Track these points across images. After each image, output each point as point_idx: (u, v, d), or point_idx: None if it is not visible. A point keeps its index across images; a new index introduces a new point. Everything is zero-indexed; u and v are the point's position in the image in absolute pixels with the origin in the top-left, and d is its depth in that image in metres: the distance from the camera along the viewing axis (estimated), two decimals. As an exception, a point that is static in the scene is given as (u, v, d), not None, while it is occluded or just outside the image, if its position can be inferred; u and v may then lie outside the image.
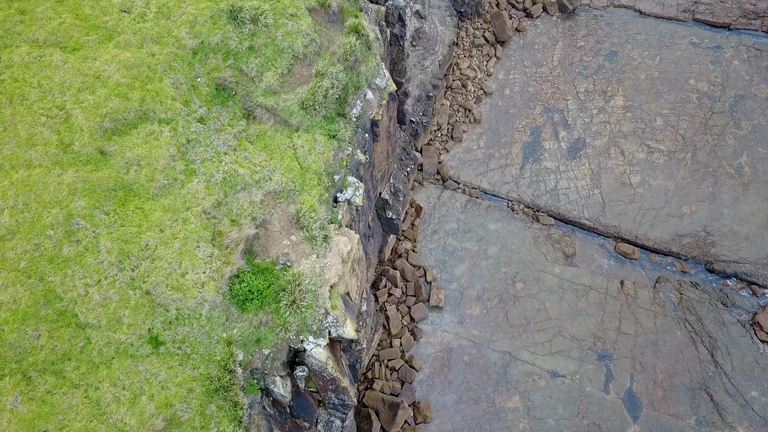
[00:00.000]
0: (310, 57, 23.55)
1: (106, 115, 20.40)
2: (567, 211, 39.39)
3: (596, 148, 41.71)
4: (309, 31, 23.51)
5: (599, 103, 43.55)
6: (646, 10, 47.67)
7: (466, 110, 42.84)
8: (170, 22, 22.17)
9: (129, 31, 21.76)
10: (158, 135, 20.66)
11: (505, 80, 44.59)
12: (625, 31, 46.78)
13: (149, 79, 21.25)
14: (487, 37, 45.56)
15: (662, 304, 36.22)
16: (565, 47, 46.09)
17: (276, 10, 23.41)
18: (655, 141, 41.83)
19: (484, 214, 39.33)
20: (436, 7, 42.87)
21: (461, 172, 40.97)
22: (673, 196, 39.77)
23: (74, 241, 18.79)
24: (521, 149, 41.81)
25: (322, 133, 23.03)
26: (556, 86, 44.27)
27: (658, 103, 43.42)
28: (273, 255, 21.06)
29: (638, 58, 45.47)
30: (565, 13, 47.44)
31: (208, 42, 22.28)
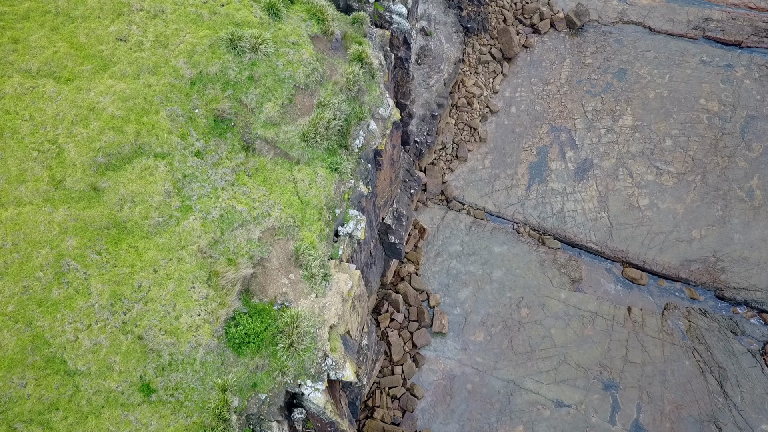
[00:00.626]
0: (312, 86, 22.84)
1: (99, 150, 19.72)
2: (573, 235, 38.59)
3: (604, 169, 40.90)
4: (311, 60, 22.80)
5: (607, 123, 42.74)
6: (655, 26, 46.85)
7: (472, 129, 42.09)
8: (168, 51, 21.49)
9: (125, 60, 21.09)
10: (153, 170, 19.97)
11: (512, 98, 43.82)
12: (635, 48, 45.96)
13: (145, 111, 20.57)
14: (494, 53, 44.80)
15: (670, 332, 35.40)
16: (573, 64, 45.28)
17: (277, 38, 22.72)
18: (664, 162, 41.02)
19: (489, 237, 38.57)
20: (442, 23, 42.14)
21: (466, 192, 40.21)
22: (682, 220, 38.94)
23: (64, 283, 18.11)
24: (527, 170, 41.03)
25: (323, 166, 22.32)
26: (563, 105, 43.48)
27: (667, 123, 42.60)
28: (271, 294, 20.35)
29: (647, 77, 44.65)
30: (573, 30, 46.65)
31: (206, 72, 21.59)
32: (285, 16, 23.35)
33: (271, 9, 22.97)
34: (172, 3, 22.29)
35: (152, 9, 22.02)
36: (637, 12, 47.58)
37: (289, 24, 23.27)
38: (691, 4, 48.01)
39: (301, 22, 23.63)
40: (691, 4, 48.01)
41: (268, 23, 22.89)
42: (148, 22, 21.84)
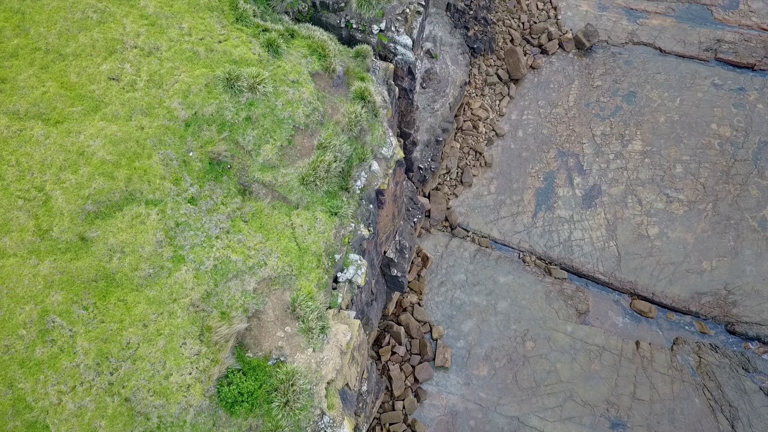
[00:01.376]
0: (312, 127, 21.95)
1: (88, 197, 18.86)
2: (581, 265, 37.61)
3: (612, 197, 39.90)
4: (311, 100, 21.91)
5: (616, 148, 41.75)
6: (666, 48, 45.83)
7: (477, 153, 41.15)
8: (162, 91, 20.62)
9: (117, 101, 20.23)
10: (145, 218, 19.10)
11: (519, 121, 42.87)
12: (645, 70, 44.95)
13: (137, 155, 19.71)
14: (501, 74, 43.85)
15: (680, 368, 34.38)
16: (581, 86, 44.31)
17: (276, 76, 21.83)
18: (675, 190, 40.00)
19: (494, 266, 37.61)
20: (448, 44, 41.22)
21: (471, 219, 39.26)
22: (693, 251, 37.92)
23: (48, 341, 17.26)
24: (534, 196, 40.06)
25: (323, 210, 21.42)
26: (571, 128, 42.50)
27: (678, 149, 41.58)
28: (266, 348, 19.46)
29: (658, 100, 43.63)
30: (581, 50, 45.67)
31: (202, 113, 20.72)
32: (285, 53, 22.46)
33: (271, 45, 22.08)
34: (167, 40, 21.42)
35: (147, 46, 21.16)
36: (648, 32, 46.58)
37: (289, 61, 22.38)
38: (703, 25, 46.98)
39: (301, 58, 22.74)
40: (703, 25, 46.98)
41: (267, 60, 22.01)
42: (142, 60, 20.98)
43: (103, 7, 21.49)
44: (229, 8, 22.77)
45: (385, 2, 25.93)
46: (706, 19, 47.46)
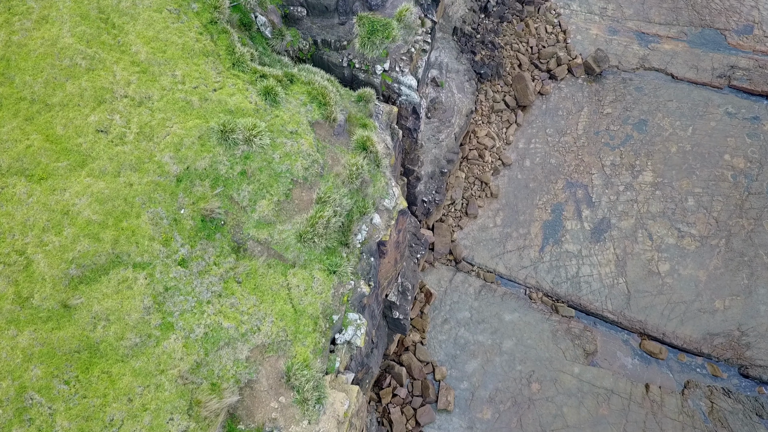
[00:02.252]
0: (311, 179, 20.87)
1: (72, 261, 17.82)
2: (589, 302, 36.43)
3: (622, 231, 38.70)
4: (310, 151, 20.83)
5: (626, 179, 40.55)
6: (678, 74, 44.61)
7: (483, 183, 40.01)
8: (152, 144, 19.57)
9: (105, 155, 19.19)
10: (132, 283, 18.05)
11: (526, 150, 41.72)
12: (656, 97, 43.75)
13: (125, 214, 18.65)
14: (508, 101, 42.71)
15: (691, 413, 33.17)
16: (590, 114, 43.13)
17: (274, 126, 20.76)
18: (686, 224, 38.78)
19: (500, 303, 36.45)
20: (454, 71, 40.11)
21: (476, 252, 38.12)
22: (705, 289, 36.69)
23: (26, 420, 16.21)
24: (541, 229, 38.90)
25: (321, 269, 20.34)
26: (580, 158, 41.33)
27: (689, 181, 40.36)
28: (258, 420, 18.39)
29: (669, 129, 42.42)
30: (591, 76, 44.49)
31: (194, 167, 19.66)
32: (283, 101, 21.38)
33: (268, 94, 21.01)
34: (159, 88, 20.37)
35: (137, 96, 20.11)
36: (659, 58, 45.37)
37: (287, 110, 21.30)
38: (716, 50, 45.75)
39: (300, 106, 21.66)
40: (716, 50, 45.75)
41: (264, 110, 20.94)
42: (132, 110, 19.93)
43: (93, 53, 20.46)
44: (225, 53, 21.71)
45: (389, 42, 24.83)
46: (720, 44, 46.24)
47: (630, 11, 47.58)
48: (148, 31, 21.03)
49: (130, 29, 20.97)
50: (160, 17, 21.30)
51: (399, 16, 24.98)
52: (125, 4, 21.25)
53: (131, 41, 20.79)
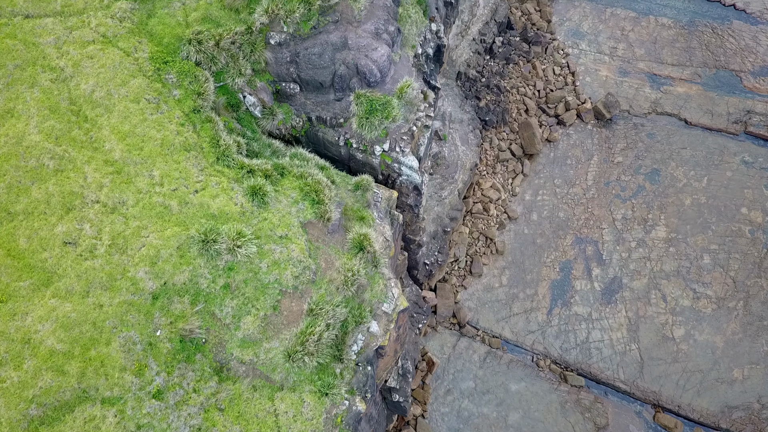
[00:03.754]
0: (302, 288, 18.99)
1: (33, 399, 15.95)
2: (599, 371, 34.49)
3: (634, 291, 36.76)
4: (301, 258, 18.94)
5: (638, 234, 38.61)
6: (692, 119, 42.67)
7: (488, 239, 38.10)
8: (126, 257, 17.70)
9: (73, 272, 17.32)
10: (100, 422, 16.18)
11: (533, 202, 39.80)
12: (669, 144, 41.81)
13: (93, 341, 16.78)
14: (514, 150, 40.82)
15: (709, 496, 31.20)
16: (600, 163, 41.21)
17: (262, 231, 18.87)
18: (702, 284, 36.82)
19: (506, 371, 34.53)
20: (458, 121, 38.22)
21: (480, 315, 36.20)
22: (723, 356, 34.73)
23: None
24: (549, 289, 36.97)
25: (311, 391, 18.44)
26: (590, 211, 39.40)
27: (705, 236, 38.41)
28: None
29: (683, 179, 40.48)
30: (601, 121, 42.58)
31: (172, 282, 17.78)
32: (272, 200, 19.50)
33: (256, 194, 19.13)
34: (135, 192, 18.50)
35: (110, 201, 18.24)
36: (672, 101, 43.44)
37: (277, 210, 19.41)
38: (732, 94, 43.81)
39: (291, 205, 19.76)
40: (732, 94, 43.81)
41: (251, 213, 19.05)
42: (104, 218, 18.05)
43: (62, 152, 18.60)
44: (209, 145, 19.84)
45: (388, 123, 22.96)
46: (735, 86, 44.30)
47: (641, 51, 45.67)
48: (124, 125, 19.16)
49: (104, 123, 19.11)
50: (137, 108, 19.44)
51: (399, 92, 23.11)
52: (99, 94, 19.39)
53: (105, 137, 18.92)
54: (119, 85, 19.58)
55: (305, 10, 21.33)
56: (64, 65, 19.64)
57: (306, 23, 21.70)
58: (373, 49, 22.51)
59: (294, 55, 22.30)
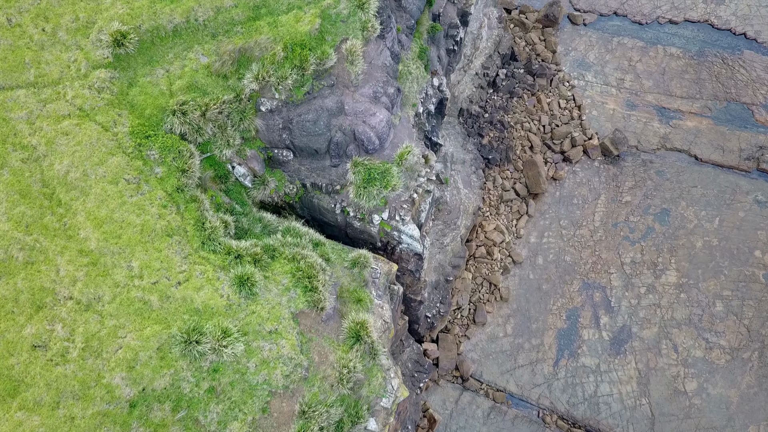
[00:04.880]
0: (294, 386, 17.51)
1: None
2: (609, 427, 32.99)
3: (644, 341, 35.27)
4: (292, 354, 17.47)
5: (648, 279, 37.12)
6: (703, 156, 41.21)
7: (492, 285, 36.63)
8: (101, 361, 16.23)
9: (42, 380, 15.85)
10: None
11: (538, 245, 38.31)
12: (679, 182, 40.33)
13: (64, 460, 15.28)
14: (518, 189, 39.34)
15: None
16: (608, 202, 39.73)
17: (249, 327, 17.39)
18: (715, 333, 35.34)
19: (511, 428, 33.04)
20: (460, 162, 36.75)
21: (484, 367, 34.71)
22: (737, 412, 33.24)
23: None
24: (555, 339, 35.48)
25: (304, 501, 16.95)
26: (597, 254, 37.92)
27: (717, 282, 36.93)
28: None
29: (694, 220, 39.00)
30: (609, 158, 41.11)
31: (152, 387, 16.30)
32: (262, 289, 18.01)
33: (243, 284, 17.65)
34: (111, 285, 17.02)
35: (85, 297, 16.77)
36: (682, 137, 41.98)
37: (266, 301, 17.92)
38: (743, 128, 42.36)
39: (282, 293, 18.28)
40: (743, 128, 42.36)
41: (238, 305, 17.57)
42: (78, 317, 16.58)
43: (33, 242, 17.12)
44: (193, 228, 18.35)
45: (388, 192, 21.49)
46: (747, 120, 42.84)
47: (649, 83, 44.21)
48: (101, 210, 17.68)
49: (80, 208, 17.64)
50: (115, 190, 17.96)
51: (399, 159, 21.65)
52: (74, 175, 17.92)
53: (80, 224, 17.45)
54: (96, 164, 18.11)
55: (298, 76, 19.89)
56: (37, 143, 18.18)
57: (299, 89, 20.26)
58: (371, 114, 21.05)
59: (287, 122, 20.86)
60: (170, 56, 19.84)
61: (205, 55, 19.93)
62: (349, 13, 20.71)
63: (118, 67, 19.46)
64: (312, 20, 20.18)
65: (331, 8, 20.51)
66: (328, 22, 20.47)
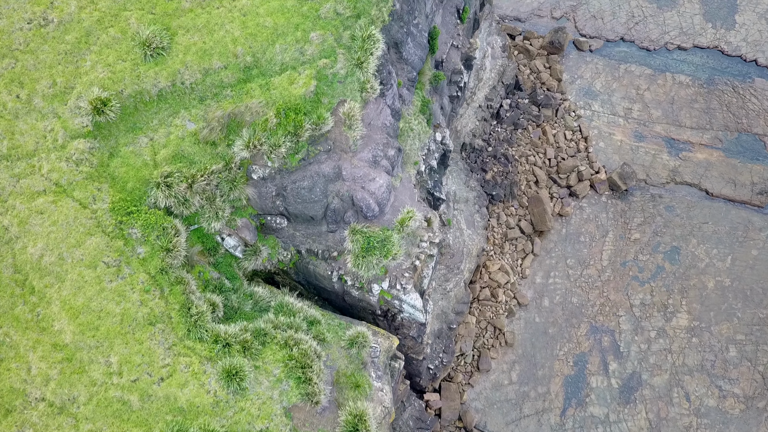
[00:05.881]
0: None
1: None
2: (619, 483, 31.65)
3: (655, 389, 33.91)
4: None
5: (658, 323, 35.76)
6: (714, 190, 39.84)
7: (496, 329, 35.27)
8: (75, 472, 14.86)
9: (10, 495, 14.47)
10: None
11: (544, 285, 36.95)
12: (689, 218, 38.97)
13: None
14: (523, 227, 37.99)
15: None
16: (616, 240, 38.36)
17: (238, 425, 16.04)
18: (728, 380, 33.98)
19: (516, 483, 31.69)
20: (463, 201, 35.39)
21: (488, 417, 33.35)
22: (753, 466, 31.88)
23: None
24: (562, 386, 34.12)
25: None
26: (605, 295, 36.56)
27: (730, 325, 35.57)
28: None
29: (705, 258, 37.64)
30: (616, 192, 39.75)
31: (131, 499, 14.93)
32: (252, 381, 16.64)
33: (231, 377, 16.28)
34: (87, 384, 15.66)
35: (58, 398, 15.41)
36: (692, 170, 40.62)
37: (256, 396, 16.55)
38: (755, 160, 41.00)
39: (274, 386, 16.90)
40: (755, 160, 41.00)
41: (225, 402, 16.20)
42: (50, 421, 15.22)
43: (2, 336, 15.80)
44: (179, 314, 16.97)
45: (388, 261, 20.12)
46: (759, 152, 41.48)
47: (658, 113, 42.85)
48: (77, 298, 16.33)
49: (54, 296, 16.29)
50: (93, 275, 16.59)
51: (400, 224, 20.30)
52: (49, 259, 16.56)
53: (54, 314, 16.10)
54: (73, 246, 16.77)
55: (292, 143, 18.56)
56: (9, 224, 16.85)
57: (293, 156, 18.93)
58: (370, 179, 19.70)
59: (281, 189, 19.53)
60: (155, 123, 18.50)
61: (192, 121, 18.58)
62: (346, 73, 19.36)
63: (98, 136, 18.11)
64: (307, 82, 18.83)
65: (327, 68, 19.16)
66: (324, 83, 19.13)
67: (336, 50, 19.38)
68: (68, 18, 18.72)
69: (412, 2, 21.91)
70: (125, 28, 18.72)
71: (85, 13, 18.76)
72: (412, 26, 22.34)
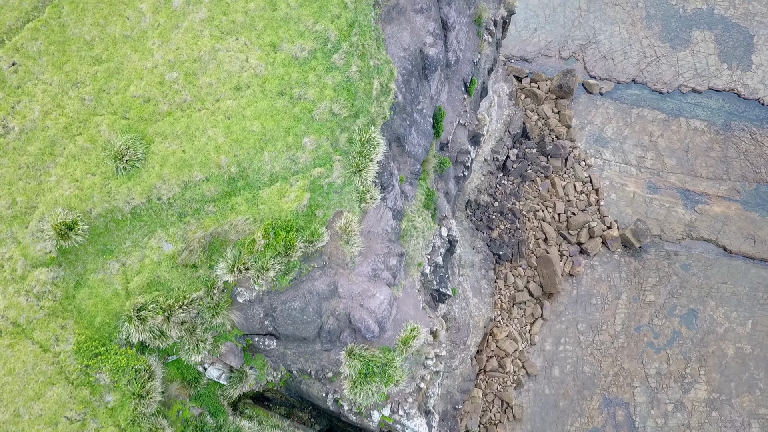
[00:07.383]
0: None
1: None
2: None
3: (673, 470, 31.89)
4: None
5: (675, 394, 33.73)
6: (732, 247, 37.81)
7: (504, 403, 33.24)
8: None
9: None
10: None
11: (554, 353, 34.91)
12: (706, 278, 36.94)
13: None
14: (532, 289, 35.96)
15: None
16: (630, 302, 36.33)
17: None
18: (751, 460, 31.96)
19: None
20: (468, 265, 33.36)
21: (495, 501, 31.33)
22: None
23: None
24: (574, 467, 32.10)
25: None
26: (619, 364, 34.53)
27: (752, 397, 33.55)
28: None
29: (724, 323, 35.61)
30: (630, 249, 37.70)
31: None
32: None
33: None
34: None
35: None
36: (709, 225, 38.57)
37: None
38: (775, 214, 38.97)
39: None
40: (775, 214, 38.97)
41: None
42: None
43: None
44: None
45: (390, 387, 18.04)
46: (779, 205, 39.46)
47: (672, 162, 40.80)
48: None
49: (8, 462, 14.18)
50: (54, 435, 14.49)
51: (403, 343, 18.27)
52: (3, 418, 14.47)
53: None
54: (31, 399, 14.72)
55: (282, 265, 16.54)
56: (-42, 374, 14.82)
57: (283, 277, 16.92)
58: (370, 296, 17.69)
59: (269, 310, 17.54)
60: (127, 244, 16.45)
61: (170, 242, 16.53)
62: (344, 182, 17.33)
63: (63, 263, 16.06)
64: (300, 195, 16.79)
65: (322, 178, 17.12)
66: (319, 194, 17.09)
67: (332, 156, 17.31)
68: (31, 125, 16.66)
69: (415, 90, 19.86)
70: (95, 136, 16.65)
71: (50, 119, 16.70)
72: (416, 113, 20.31)
